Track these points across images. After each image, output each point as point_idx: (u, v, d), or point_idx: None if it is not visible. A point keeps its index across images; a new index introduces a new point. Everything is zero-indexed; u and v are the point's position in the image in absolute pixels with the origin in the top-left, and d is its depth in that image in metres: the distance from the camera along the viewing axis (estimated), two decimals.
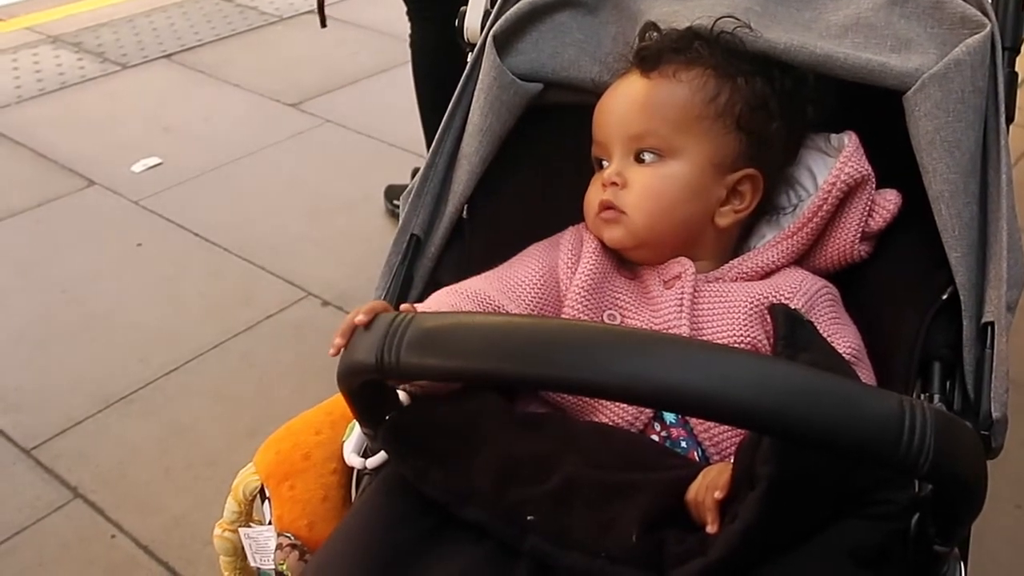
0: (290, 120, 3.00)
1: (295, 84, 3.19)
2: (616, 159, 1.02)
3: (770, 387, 0.64)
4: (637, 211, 1.00)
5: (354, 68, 3.30)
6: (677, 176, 1.00)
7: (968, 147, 0.93)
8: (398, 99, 2.52)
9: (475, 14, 1.13)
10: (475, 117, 1.06)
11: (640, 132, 1.01)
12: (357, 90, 3.19)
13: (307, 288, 2.24)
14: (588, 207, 1.04)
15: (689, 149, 1.00)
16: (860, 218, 0.99)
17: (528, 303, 0.97)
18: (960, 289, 0.89)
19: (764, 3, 1.06)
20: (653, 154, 1.01)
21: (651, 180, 1.00)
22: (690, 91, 1.00)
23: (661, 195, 1.00)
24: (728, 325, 0.94)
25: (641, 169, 1.01)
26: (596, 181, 1.05)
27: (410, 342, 0.71)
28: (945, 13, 0.99)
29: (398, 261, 1.02)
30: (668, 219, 1.01)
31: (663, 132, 1.00)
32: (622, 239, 1.02)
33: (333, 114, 3.02)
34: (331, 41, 3.38)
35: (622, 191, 1.01)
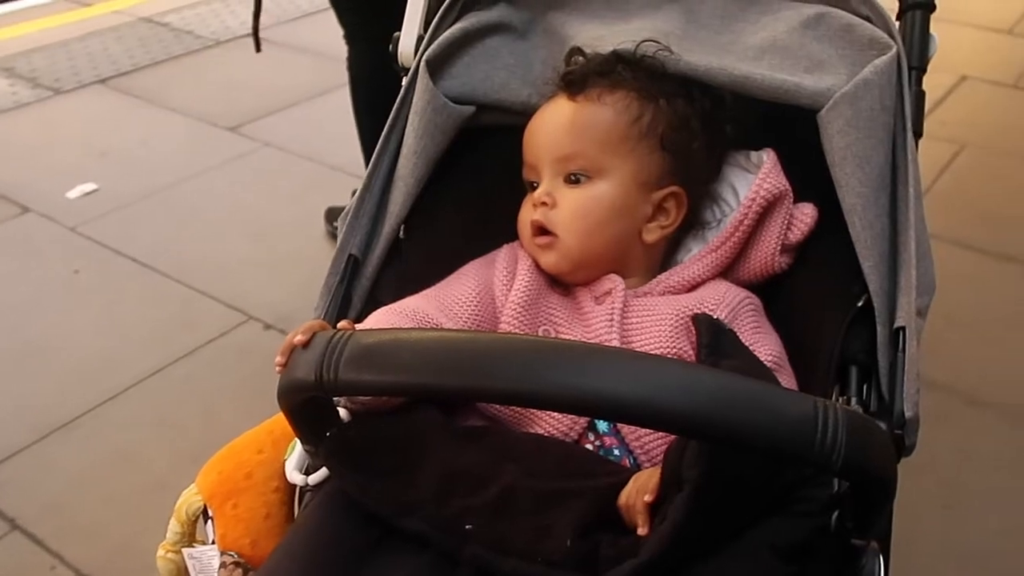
0: (228, 144, 2.99)
1: (233, 108, 3.19)
2: (546, 180, 1.05)
3: (693, 392, 0.67)
4: (568, 232, 1.04)
5: (293, 91, 3.31)
6: (604, 195, 1.04)
7: (878, 162, 0.98)
8: (337, 121, 2.54)
9: (408, 39, 1.16)
10: (410, 140, 1.09)
11: (568, 154, 1.05)
12: (296, 113, 3.19)
13: (249, 311, 2.24)
14: (522, 227, 1.08)
15: (615, 169, 1.04)
16: (779, 231, 1.04)
17: (465, 320, 1.00)
18: (873, 296, 0.94)
19: (685, 27, 1.11)
20: (581, 175, 1.05)
21: (580, 200, 1.04)
22: (614, 113, 1.04)
23: (589, 214, 1.04)
24: (656, 337, 0.97)
25: (570, 190, 1.05)
26: (528, 202, 1.08)
27: (348, 359, 0.73)
28: (855, 35, 1.04)
29: (336, 281, 1.04)
30: (598, 237, 1.04)
31: (590, 153, 1.04)
32: (558, 263, 1.05)
33: (272, 137, 3.02)
34: (269, 64, 3.38)
35: (552, 211, 1.04)
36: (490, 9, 1.15)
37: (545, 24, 1.16)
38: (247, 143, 3.00)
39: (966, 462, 1.91)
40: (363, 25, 2.14)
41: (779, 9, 1.09)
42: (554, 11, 1.16)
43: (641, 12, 1.13)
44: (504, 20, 1.15)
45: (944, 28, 3.44)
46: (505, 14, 1.15)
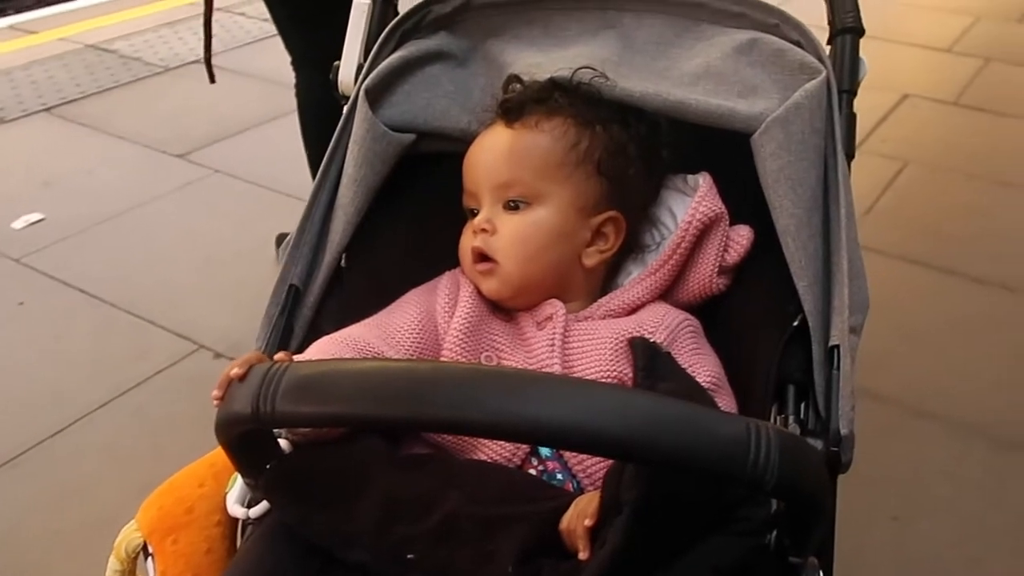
0: (178, 171, 2.97)
1: (182, 134, 3.17)
2: (486, 207, 1.06)
3: (626, 416, 0.68)
4: (508, 258, 1.05)
5: (242, 117, 3.29)
6: (543, 221, 1.05)
7: (810, 184, 1.00)
8: (287, 147, 2.53)
9: (348, 67, 1.16)
10: (350, 168, 1.09)
11: (506, 181, 1.06)
12: (246, 139, 3.18)
13: (199, 340, 2.22)
14: (463, 254, 1.09)
15: (553, 195, 1.05)
16: (716, 253, 1.06)
17: (407, 348, 1.00)
18: (808, 316, 0.96)
19: (621, 54, 1.12)
20: (520, 201, 1.06)
21: (519, 227, 1.05)
22: (552, 139, 1.06)
23: (529, 240, 1.05)
24: (596, 361, 0.98)
25: (510, 216, 1.06)
26: (468, 229, 1.09)
27: (285, 390, 0.73)
28: (786, 60, 1.07)
29: (277, 312, 1.03)
30: (538, 263, 1.05)
31: (528, 180, 1.05)
32: (499, 290, 1.06)
33: (222, 164, 3.00)
34: (219, 90, 3.33)
35: (492, 237, 1.05)
36: (429, 37, 1.16)
37: (484, 51, 1.17)
38: (196, 170, 2.98)
39: (914, 474, 1.94)
40: (310, 52, 2.14)
41: (713, 35, 1.11)
42: (493, 39, 1.17)
43: (579, 39, 1.14)
44: (444, 48, 1.16)
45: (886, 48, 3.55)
46: (445, 42, 1.16)
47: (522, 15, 1.16)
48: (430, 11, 1.16)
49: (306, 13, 2.14)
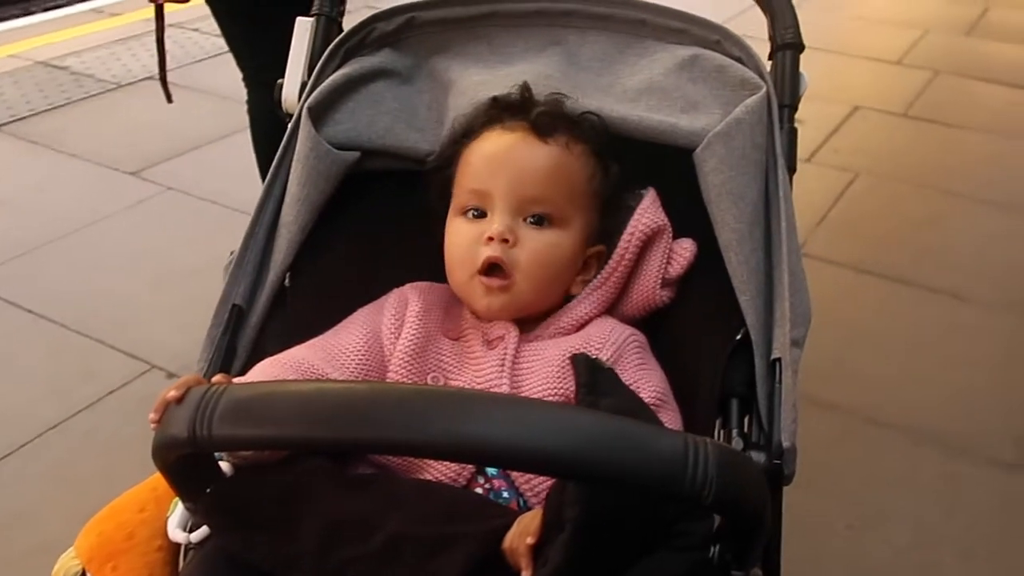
0: (131, 188, 2.93)
1: (135, 152, 3.13)
2: (502, 214, 1.03)
3: (564, 434, 0.68)
4: (527, 278, 1.02)
5: (197, 133, 3.26)
6: (564, 245, 1.04)
7: (752, 198, 1.01)
8: (241, 164, 2.51)
9: (292, 85, 1.16)
10: (293, 187, 1.08)
11: (537, 196, 1.03)
12: (200, 156, 3.15)
13: (151, 360, 2.19)
14: (466, 259, 1.03)
15: (574, 221, 1.05)
16: (659, 266, 1.06)
17: (352, 370, 0.99)
18: (751, 329, 0.97)
19: (566, 70, 1.13)
20: (544, 218, 1.04)
21: (542, 246, 1.03)
22: (580, 166, 1.06)
23: (550, 263, 1.03)
24: (545, 380, 0.98)
25: (532, 232, 1.03)
26: (469, 231, 1.04)
27: (222, 413, 0.72)
28: (727, 76, 1.08)
29: (219, 333, 1.02)
30: (550, 287, 1.05)
31: (558, 201, 1.04)
32: (504, 309, 1.03)
33: (176, 181, 2.97)
34: (172, 107, 3.29)
35: (513, 249, 1.02)
36: (374, 55, 1.15)
37: (429, 69, 1.17)
38: (149, 187, 2.94)
39: (868, 481, 1.96)
40: (261, 69, 2.13)
41: (655, 52, 1.12)
42: (438, 56, 1.17)
43: (524, 56, 1.15)
44: (388, 65, 1.15)
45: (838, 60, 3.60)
46: (389, 59, 1.16)
47: (467, 32, 1.17)
48: (374, 28, 1.15)
49: (258, 30, 2.13)
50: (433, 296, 1.07)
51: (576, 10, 1.15)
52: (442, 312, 1.06)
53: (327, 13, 1.18)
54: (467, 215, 1.06)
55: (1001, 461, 2.00)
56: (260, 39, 2.10)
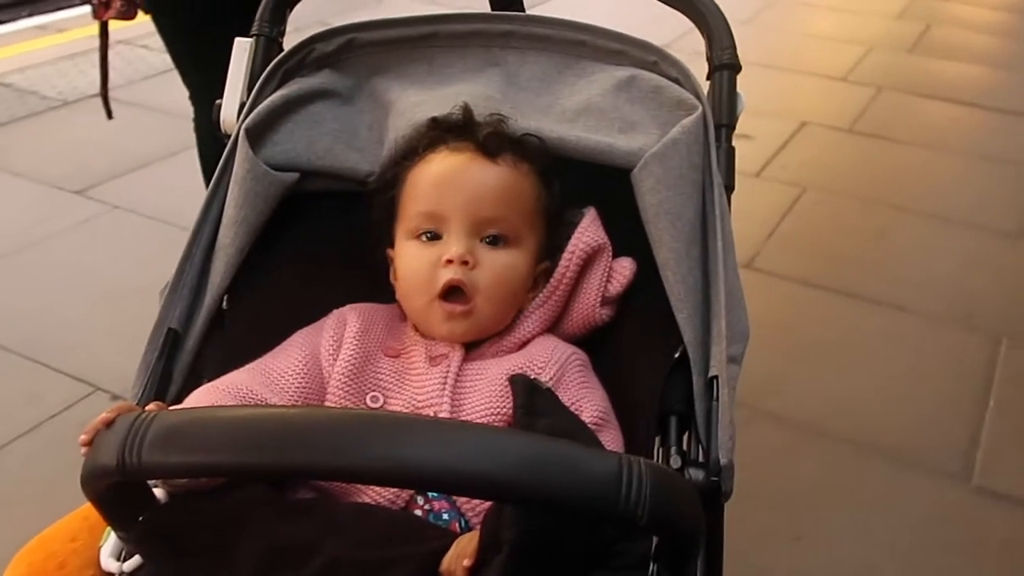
0: (76, 208, 2.89)
1: (81, 170, 3.09)
2: (459, 236, 1.03)
3: (497, 457, 0.68)
4: (488, 300, 1.02)
5: (144, 151, 3.23)
6: (520, 264, 1.05)
7: (689, 218, 1.02)
8: (190, 182, 2.47)
9: (230, 106, 1.15)
10: (230, 209, 1.07)
11: (492, 216, 1.04)
12: (148, 174, 3.11)
13: (96, 383, 2.15)
14: (425, 283, 1.03)
15: (527, 240, 1.06)
16: (599, 284, 1.07)
17: (291, 393, 0.98)
18: (688, 347, 0.98)
19: (505, 91, 1.13)
20: (500, 238, 1.04)
21: (501, 266, 1.03)
22: (529, 185, 1.07)
23: (509, 282, 1.04)
24: (487, 399, 0.98)
25: (490, 252, 1.04)
26: (426, 254, 1.03)
27: (152, 441, 0.71)
28: (664, 97, 1.09)
29: (154, 358, 1.00)
30: (508, 306, 1.06)
31: (513, 220, 1.04)
32: (466, 333, 1.03)
33: (122, 199, 2.93)
34: (119, 124, 3.26)
35: (473, 271, 1.02)
36: (313, 75, 1.15)
37: (369, 89, 1.17)
38: (95, 206, 2.90)
39: (816, 494, 1.99)
40: (207, 87, 2.10)
41: (593, 72, 1.13)
42: (378, 76, 1.17)
43: (463, 77, 1.15)
44: (328, 86, 1.15)
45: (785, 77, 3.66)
46: (329, 80, 1.15)
47: (407, 53, 1.17)
48: (313, 49, 1.15)
49: (204, 47, 2.10)
50: (373, 315, 1.07)
51: (515, 31, 1.16)
52: (383, 331, 1.06)
53: (266, 34, 1.17)
54: (420, 238, 1.05)
55: (946, 472, 2.04)
56: (205, 57, 2.08)
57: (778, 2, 5.15)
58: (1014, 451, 2.10)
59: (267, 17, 1.18)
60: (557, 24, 1.16)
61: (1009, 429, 2.17)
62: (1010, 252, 2.90)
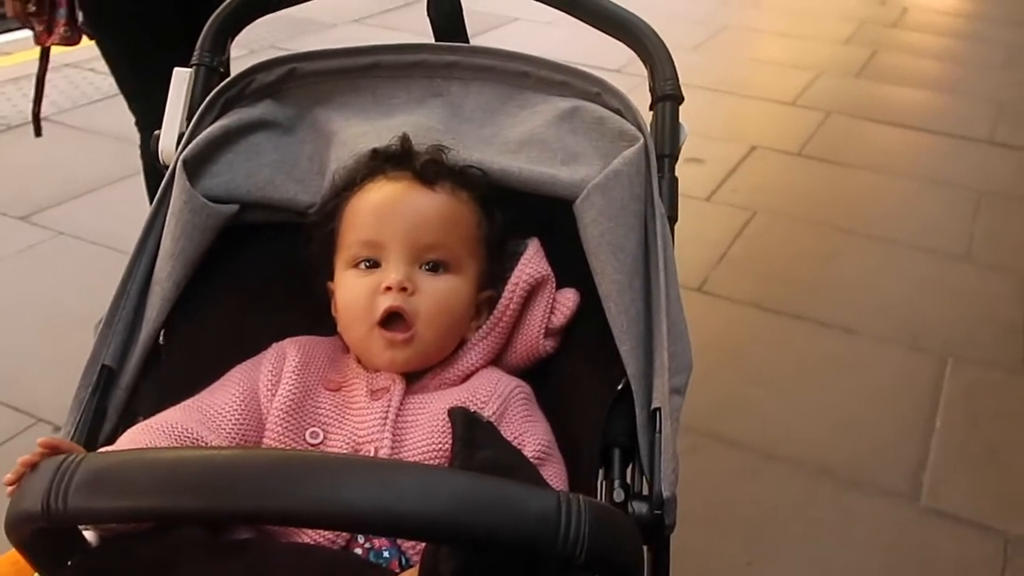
0: (19, 234, 2.83)
1: (25, 195, 3.03)
2: (398, 263, 1.02)
3: (434, 497, 0.67)
4: (429, 326, 1.01)
5: (91, 176, 3.17)
6: (460, 291, 1.04)
7: (631, 249, 1.02)
8: (137, 207, 2.43)
9: (169, 137, 1.13)
10: (167, 242, 1.05)
11: (431, 242, 1.03)
12: (94, 199, 3.06)
13: (37, 413, 2.10)
14: (364, 312, 1.02)
15: (468, 267, 1.05)
16: (543, 315, 1.06)
17: (228, 431, 0.96)
18: (632, 379, 0.97)
19: (448, 122, 1.13)
20: (440, 264, 1.04)
21: (441, 293, 1.03)
22: (468, 212, 1.06)
23: (450, 309, 1.03)
24: (428, 435, 0.97)
25: (430, 279, 1.03)
26: (364, 283, 1.02)
27: (78, 485, 0.69)
28: (606, 128, 1.09)
29: (87, 395, 0.98)
30: (450, 334, 1.04)
31: (452, 246, 1.04)
32: (407, 361, 1.02)
33: (68, 225, 2.88)
34: (66, 149, 3.25)
35: (413, 298, 1.01)
36: (254, 106, 1.14)
37: (311, 120, 1.16)
38: (39, 232, 2.85)
39: (767, 517, 2.00)
40: (152, 113, 2.07)
41: (537, 103, 1.14)
42: (320, 107, 1.16)
43: (406, 107, 1.15)
44: (269, 116, 1.13)
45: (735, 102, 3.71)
46: (270, 110, 1.14)
47: (349, 83, 1.16)
48: (254, 79, 1.14)
49: (150, 74, 2.08)
50: (314, 349, 1.05)
51: (459, 62, 1.16)
52: (324, 364, 1.04)
53: (206, 63, 1.16)
54: (359, 266, 1.04)
55: (894, 492, 2.06)
56: (150, 83, 2.05)
57: (727, 28, 5.23)
58: (961, 471, 2.13)
59: (207, 46, 1.17)
60: (501, 55, 1.16)
61: (956, 449, 2.20)
62: (957, 274, 2.96)
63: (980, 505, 2.02)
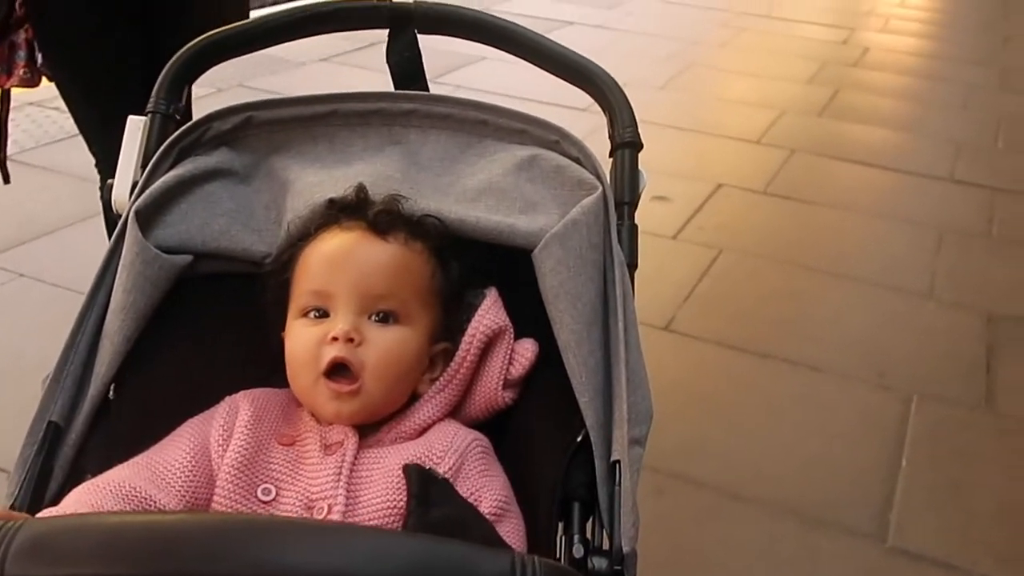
0: None
1: None
2: (346, 313, 1.01)
3: (385, 562, 0.66)
4: (377, 378, 1.00)
5: (53, 217, 3.14)
6: (411, 342, 1.03)
7: (589, 299, 1.02)
8: (101, 248, 2.41)
9: (123, 185, 1.11)
10: (118, 294, 1.03)
11: (381, 292, 1.02)
12: (56, 240, 3.02)
13: None
14: (310, 361, 1.00)
15: (420, 318, 1.04)
16: (501, 367, 1.05)
17: (178, 489, 0.93)
18: (591, 431, 0.96)
19: (406, 170, 1.13)
20: (390, 315, 1.02)
21: (390, 343, 1.01)
22: (421, 263, 1.05)
23: (399, 361, 1.01)
24: (383, 492, 0.95)
25: (378, 329, 1.02)
26: (311, 332, 1.01)
27: (17, 552, 0.66)
28: (565, 177, 1.09)
29: (33, 452, 0.95)
30: (398, 386, 1.03)
31: (404, 297, 1.03)
32: (354, 414, 1.00)
33: (28, 267, 2.84)
34: (27, 188, 3.20)
35: (359, 348, 1.00)
36: (210, 154, 1.12)
37: (268, 168, 1.15)
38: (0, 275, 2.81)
39: (732, 557, 1.99)
40: (111, 156, 2.06)
41: (495, 152, 1.13)
42: (277, 155, 1.15)
43: (363, 156, 1.14)
44: (225, 165, 1.12)
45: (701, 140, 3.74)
46: (226, 159, 1.13)
47: (306, 131, 1.15)
48: (210, 127, 1.13)
49: (110, 116, 2.06)
50: (267, 402, 1.03)
51: (417, 110, 1.16)
52: (277, 417, 1.02)
53: (162, 111, 1.15)
54: (308, 316, 1.03)
55: (859, 531, 2.06)
56: (110, 125, 2.04)
57: (693, 67, 5.29)
58: (927, 510, 2.14)
59: (163, 94, 1.16)
60: (459, 103, 1.16)
61: (922, 488, 2.21)
62: (920, 311, 2.98)
63: (946, 544, 2.03)
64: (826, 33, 6.33)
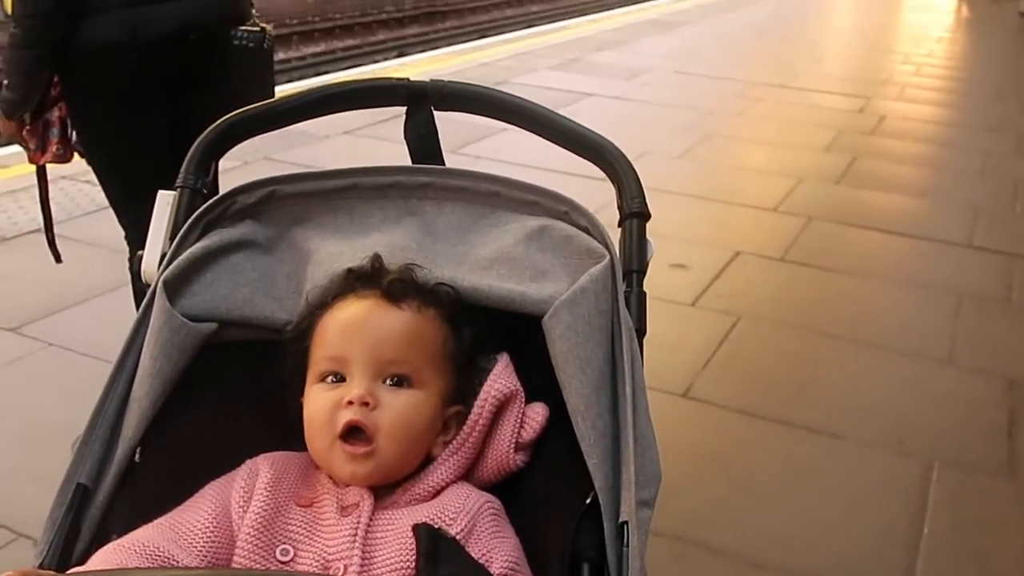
0: (9, 345, 2.86)
1: (15, 306, 3.06)
2: (361, 378, 1.04)
3: None
4: (391, 441, 1.03)
5: (82, 287, 3.22)
6: (424, 406, 1.06)
7: (598, 364, 1.05)
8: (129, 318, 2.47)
9: (152, 256, 1.16)
10: (146, 360, 1.07)
11: (394, 357, 1.06)
12: (85, 310, 3.10)
13: (19, 529, 2.09)
14: (326, 425, 1.04)
15: (433, 383, 1.07)
16: (512, 430, 1.08)
17: (200, 549, 0.96)
18: (599, 493, 0.98)
19: (422, 240, 1.17)
20: (404, 379, 1.06)
21: (403, 406, 1.04)
22: (434, 329, 1.09)
23: (412, 424, 1.04)
24: (397, 552, 0.97)
25: (392, 393, 1.05)
26: (328, 397, 1.05)
27: None
28: (574, 246, 1.13)
29: (62, 514, 0.99)
30: (413, 448, 1.05)
31: (416, 362, 1.06)
32: (369, 476, 1.03)
33: (58, 337, 2.91)
34: None
35: (373, 411, 1.03)
36: (235, 226, 1.17)
37: (290, 239, 1.20)
38: (29, 344, 2.87)
39: None
40: (140, 227, 2.12)
41: (507, 222, 1.18)
42: (299, 226, 1.20)
43: (380, 227, 1.19)
44: (249, 236, 1.17)
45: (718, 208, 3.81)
46: (250, 231, 1.18)
47: (327, 204, 1.20)
48: (235, 201, 1.18)
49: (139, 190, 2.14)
50: (287, 465, 1.06)
51: (432, 183, 1.20)
52: (296, 480, 1.06)
53: (190, 185, 1.20)
54: (326, 381, 1.07)
55: None
56: (139, 199, 2.11)
57: (711, 137, 5.38)
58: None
59: (192, 169, 1.21)
60: (473, 176, 1.21)
61: (944, 555, 2.19)
62: (939, 377, 2.98)
63: None
64: (842, 102, 6.42)
